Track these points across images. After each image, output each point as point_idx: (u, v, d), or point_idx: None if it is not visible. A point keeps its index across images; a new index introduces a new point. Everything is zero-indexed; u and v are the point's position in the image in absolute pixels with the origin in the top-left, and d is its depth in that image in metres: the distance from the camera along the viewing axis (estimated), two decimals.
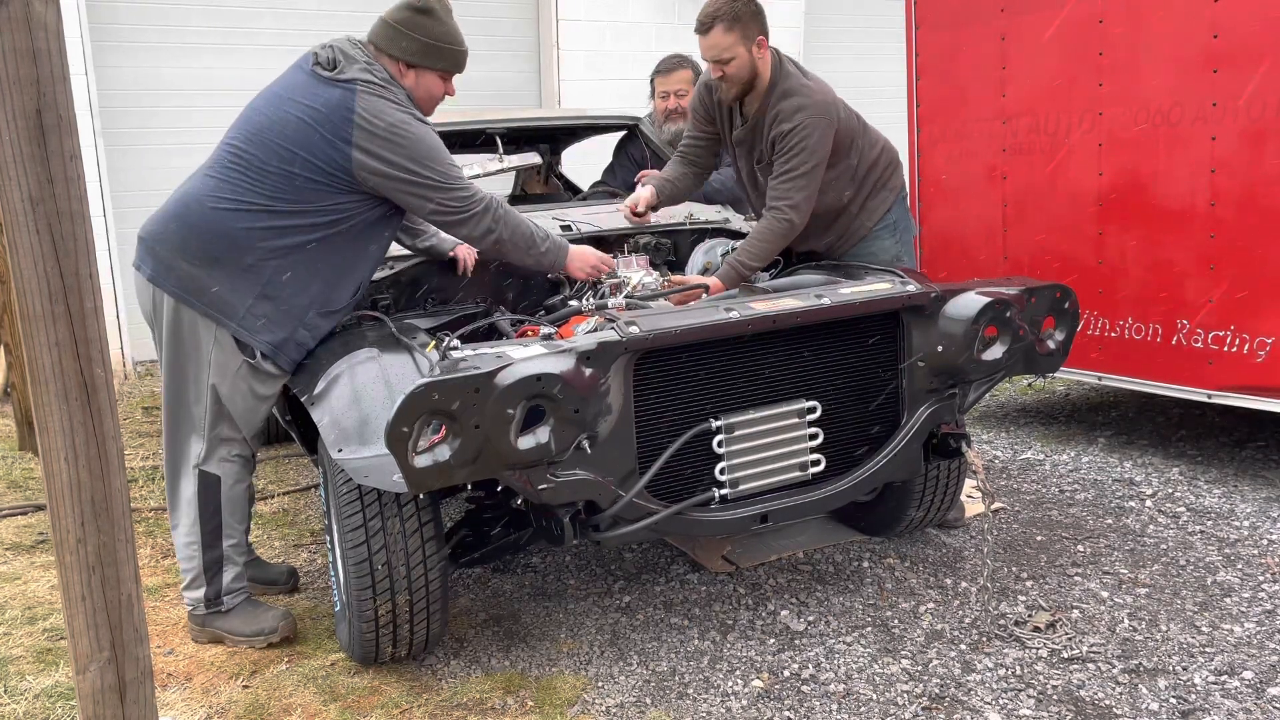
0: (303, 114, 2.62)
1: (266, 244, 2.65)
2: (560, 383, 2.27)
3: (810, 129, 3.10)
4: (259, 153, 2.64)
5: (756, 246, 3.16)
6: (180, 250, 2.68)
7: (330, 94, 2.63)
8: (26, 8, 1.50)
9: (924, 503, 3.27)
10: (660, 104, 4.32)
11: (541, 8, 7.90)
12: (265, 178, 2.63)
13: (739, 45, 3.10)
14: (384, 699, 2.61)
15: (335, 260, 2.74)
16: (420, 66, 2.77)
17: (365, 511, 2.50)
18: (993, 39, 4.58)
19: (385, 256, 3.16)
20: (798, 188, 3.12)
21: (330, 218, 2.68)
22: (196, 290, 2.67)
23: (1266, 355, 3.71)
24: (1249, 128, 3.68)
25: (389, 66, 2.74)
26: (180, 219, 2.70)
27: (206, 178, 2.71)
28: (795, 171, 3.12)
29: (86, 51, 6.19)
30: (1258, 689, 2.53)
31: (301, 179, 2.62)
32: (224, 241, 2.65)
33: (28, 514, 4.02)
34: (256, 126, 2.68)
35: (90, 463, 1.64)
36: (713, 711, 2.52)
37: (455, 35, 2.80)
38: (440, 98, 2.88)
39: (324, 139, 2.60)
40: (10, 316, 4.68)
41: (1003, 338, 2.82)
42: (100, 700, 1.72)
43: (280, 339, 2.72)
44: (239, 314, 2.68)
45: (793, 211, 3.13)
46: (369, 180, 2.65)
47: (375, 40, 2.77)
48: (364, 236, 2.77)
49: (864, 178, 3.36)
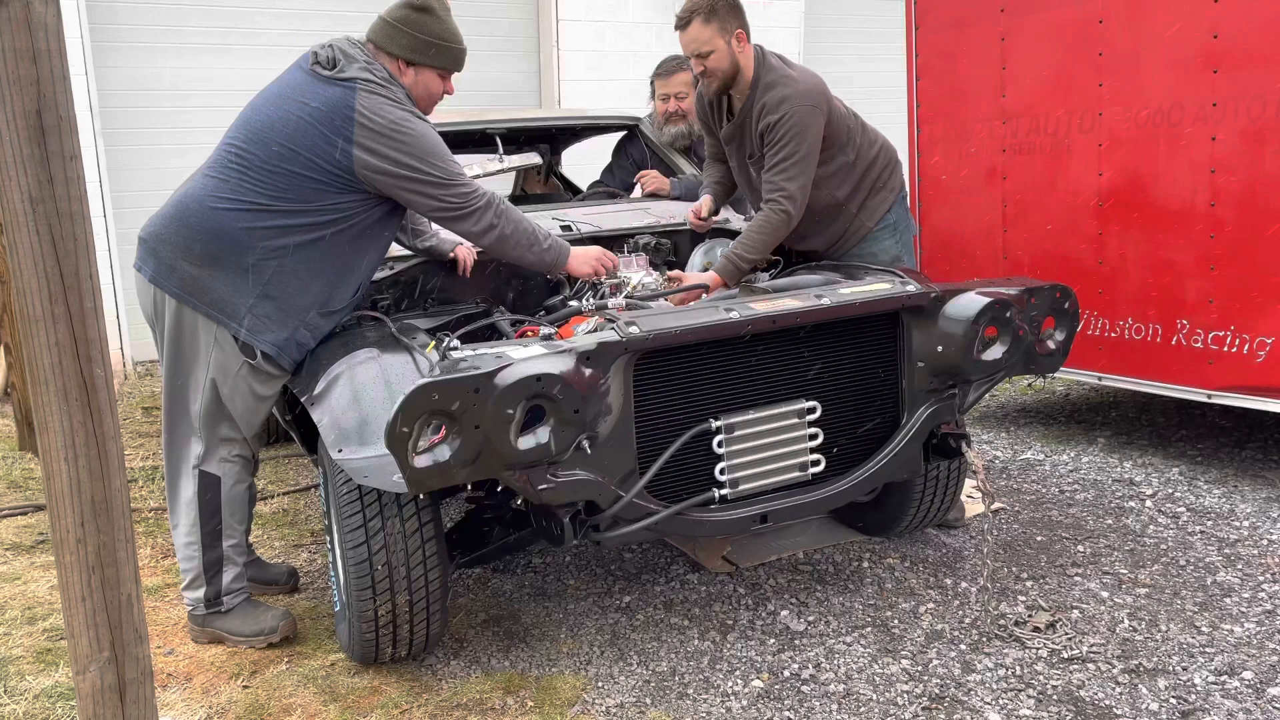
0: (303, 113, 2.62)
1: (267, 243, 2.65)
2: (560, 383, 2.27)
3: (796, 116, 3.11)
4: (259, 152, 2.64)
5: (753, 239, 3.16)
6: (181, 251, 2.68)
7: (330, 93, 2.63)
8: (26, 8, 1.50)
9: (924, 503, 3.27)
10: (660, 106, 4.31)
11: (541, 8, 7.91)
12: (266, 177, 2.63)
13: (717, 38, 3.14)
14: (384, 699, 2.61)
15: (336, 260, 2.74)
16: (419, 64, 2.77)
17: (365, 511, 2.50)
18: (993, 39, 4.58)
19: (385, 257, 3.16)
20: (790, 177, 3.13)
21: (331, 217, 2.68)
22: (198, 290, 2.67)
23: (1266, 355, 3.71)
24: (1249, 128, 3.68)
25: (388, 65, 2.75)
26: (181, 219, 2.69)
27: (207, 178, 2.71)
28: (787, 160, 3.13)
29: (86, 51, 6.19)
30: (1258, 689, 2.53)
31: (302, 178, 2.63)
32: (225, 241, 2.65)
33: (28, 514, 4.02)
34: (257, 126, 2.68)
35: (90, 463, 1.64)
36: (713, 711, 2.52)
37: (454, 33, 2.81)
38: (439, 96, 2.88)
39: (325, 137, 2.61)
40: (10, 316, 4.68)
41: (1003, 338, 2.81)
42: (100, 700, 1.72)
43: (282, 339, 2.72)
44: (240, 314, 2.68)
45: (788, 201, 3.14)
46: (371, 179, 2.65)
47: (374, 39, 2.77)
48: (365, 236, 2.77)
49: (862, 176, 3.36)
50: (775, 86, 3.16)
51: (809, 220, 3.27)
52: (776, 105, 3.13)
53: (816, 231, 3.39)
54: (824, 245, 3.45)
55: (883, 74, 3.78)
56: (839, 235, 3.42)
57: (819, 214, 3.32)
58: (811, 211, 3.25)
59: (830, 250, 3.45)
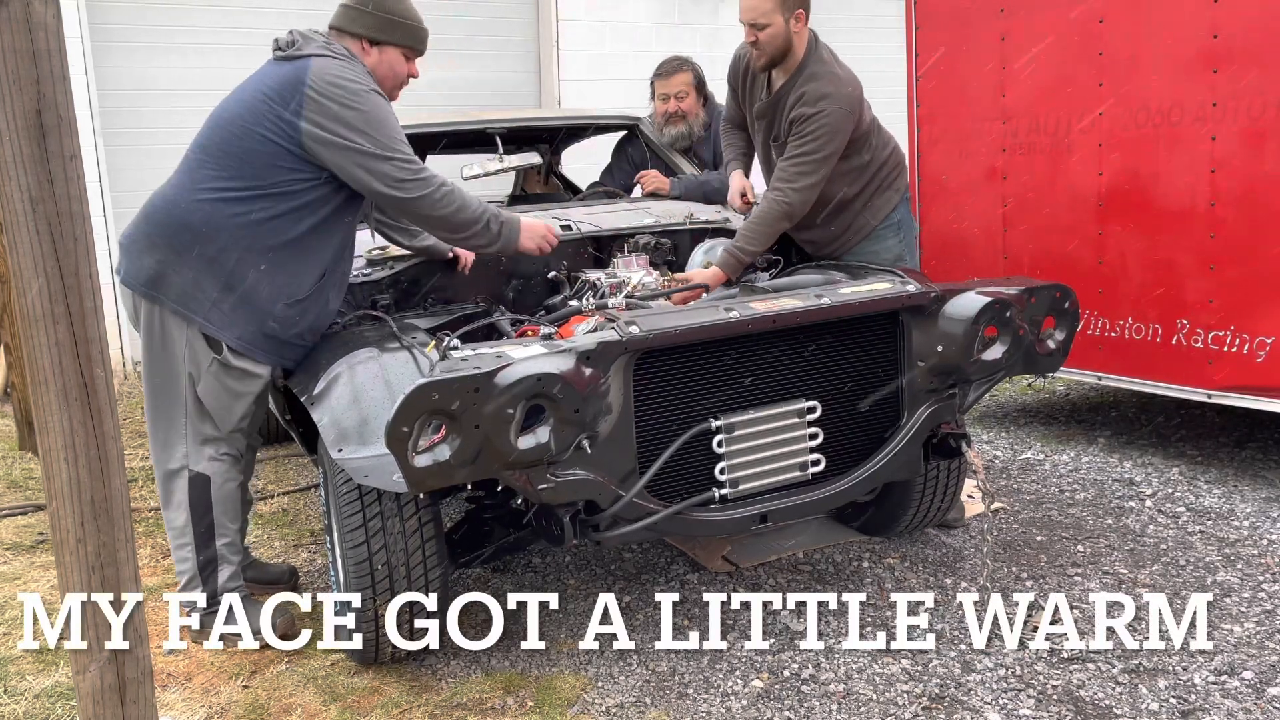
0: (257, 93, 2.67)
1: (228, 233, 2.65)
2: (560, 383, 2.27)
3: (832, 118, 3.11)
4: (216, 139, 2.69)
5: (754, 230, 3.16)
6: (148, 248, 2.70)
7: (284, 70, 2.68)
8: (26, 8, 1.50)
9: (924, 503, 3.27)
10: (660, 106, 4.31)
11: (541, 8, 7.90)
12: (221, 159, 2.67)
13: (777, 13, 3.11)
14: (384, 699, 2.61)
15: (296, 248, 2.72)
16: (382, 43, 2.81)
17: (365, 511, 2.50)
18: (993, 39, 4.57)
19: (384, 255, 3.15)
20: (805, 174, 3.13)
21: (289, 203, 2.67)
22: (163, 286, 2.69)
23: (1266, 355, 3.71)
24: (1249, 128, 3.68)
25: (350, 46, 2.79)
26: (147, 217, 2.74)
27: (176, 175, 2.77)
28: (808, 158, 3.12)
29: (86, 51, 6.19)
30: (1258, 689, 2.53)
31: (254, 154, 2.64)
32: (186, 233, 2.66)
33: (28, 514, 4.02)
34: (217, 118, 2.74)
35: (90, 463, 1.64)
36: (713, 711, 2.52)
37: (413, 12, 2.86)
38: (404, 78, 2.90)
39: (275, 113, 2.63)
40: (10, 316, 4.68)
41: (1003, 338, 2.81)
42: (100, 700, 1.72)
43: (250, 333, 2.72)
44: (205, 308, 2.68)
45: (794, 194, 3.14)
46: (316, 151, 2.64)
47: (336, 24, 2.83)
48: (325, 225, 2.76)
49: (872, 177, 3.37)
50: (819, 79, 3.15)
51: (814, 213, 3.28)
52: (815, 100, 3.12)
53: (820, 225, 3.40)
54: (826, 240, 3.45)
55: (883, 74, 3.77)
56: (842, 230, 3.42)
57: (824, 208, 3.32)
58: (817, 206, 3.26)
59: (833, 245, 3.46)
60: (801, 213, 3.18)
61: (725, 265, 3.14)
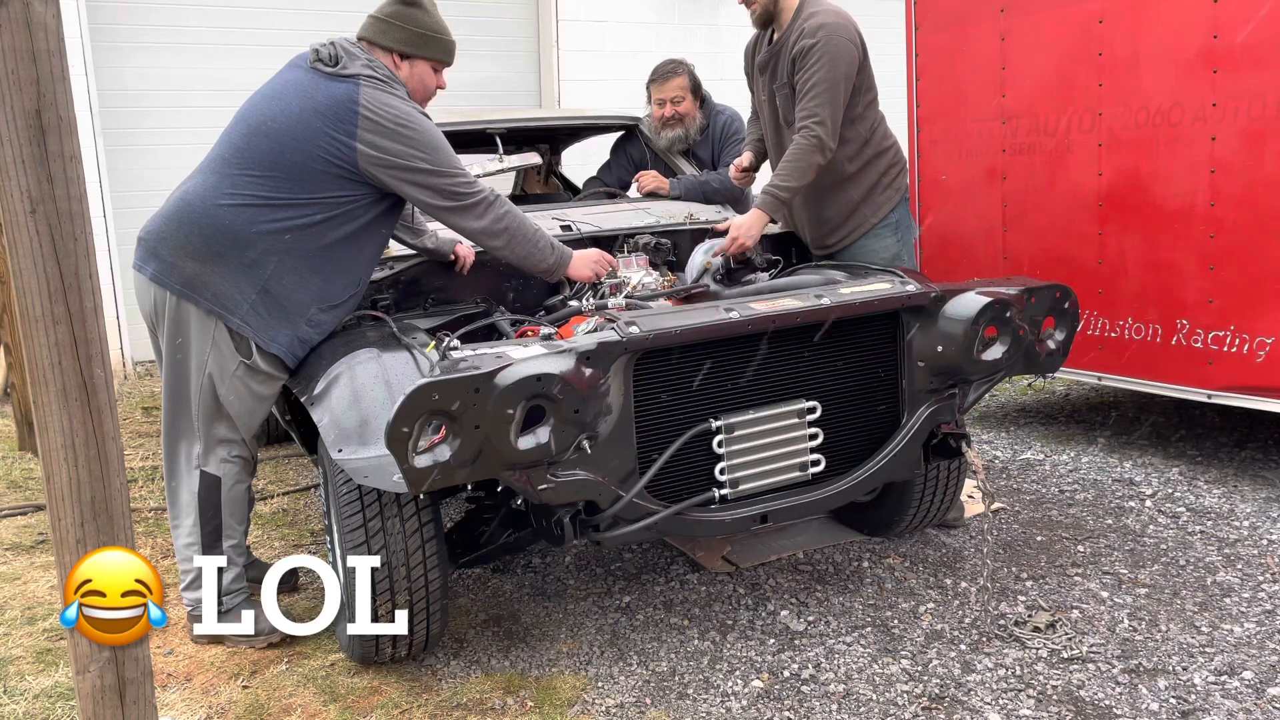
0: (305, 108, 2.65)
1: (268, 239, 2.67)
2: (560, 383, 2.27)
3: (831, 44, 3.17)
4: (259, 149, 2.67)
5: (789, 168, 3.22)
6: (183, 248, 2.69)
7: (334, 88, 2.66)
8: (26, 8, 1.50)
9: (924, 503, 3.27)
10: (656, 111, 4.30)
11: (541, 8, 7.91)
12: (266, 173, 2.66)
13: None
14: (384, 699, 2.61)
15: (334, 255, 2.75)
16: (413, 57, 2.84)
17: (365, 511, 2.50)
18: (993, 39, 4.57)
19: (384, 255, 3.15)
20: (820, 103, 3.18)
21: (331, 211, 2.70)
22: (199, 287, 2.69)
23: (1266, 355, 3.71)
24: (1249, 128, 3.68)
25: (383, 60, 2.80)
26: (182, 217, 2.71)
27: (206, 175, 2.73)
28: (818, 86, 3.18)
29: (86, 51, 6.19)
30: (1258, 689, 2.53)
31: (304, 171, 2.65)
32: (226, 237, 2.67)
33: (28, 514, 4.02)
34: (255, 123, 2.70)
35: (90, 463, 1.64)
36: (713, 711, 2.52)
37: (443, 25, 2.89)
38: (433, 90, 2.94)
39: (327, 133, 2.63)
40: (10, 316, 4.68)
41: (1003, 338, 2.81)
42: (100, 700, 1.72)
43: (285, 335, 2.74)
44: (242, 310, 2.69)
45: (820, 127, 3.18)
46: (374, 173, 2.68)
47: (367, 36, 2.83)
48: (364, 231, 2.79)
49: (870, 162, 3.40)
50: (814, 16, 3.23)
51: (814, 193, 3.32)
52: (813, 31, 3.19)
53: (819, 206, 3.44)
54: (826, 225, 3.47)
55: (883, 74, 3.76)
56: (842, 219, 3.44)
57: (824, 186, 3.37)
58: (817, 183, 3.30)
59: (832, 237, 3.47)
60: (831, 146, 3.21)
61: (765, 205, 3.22)
